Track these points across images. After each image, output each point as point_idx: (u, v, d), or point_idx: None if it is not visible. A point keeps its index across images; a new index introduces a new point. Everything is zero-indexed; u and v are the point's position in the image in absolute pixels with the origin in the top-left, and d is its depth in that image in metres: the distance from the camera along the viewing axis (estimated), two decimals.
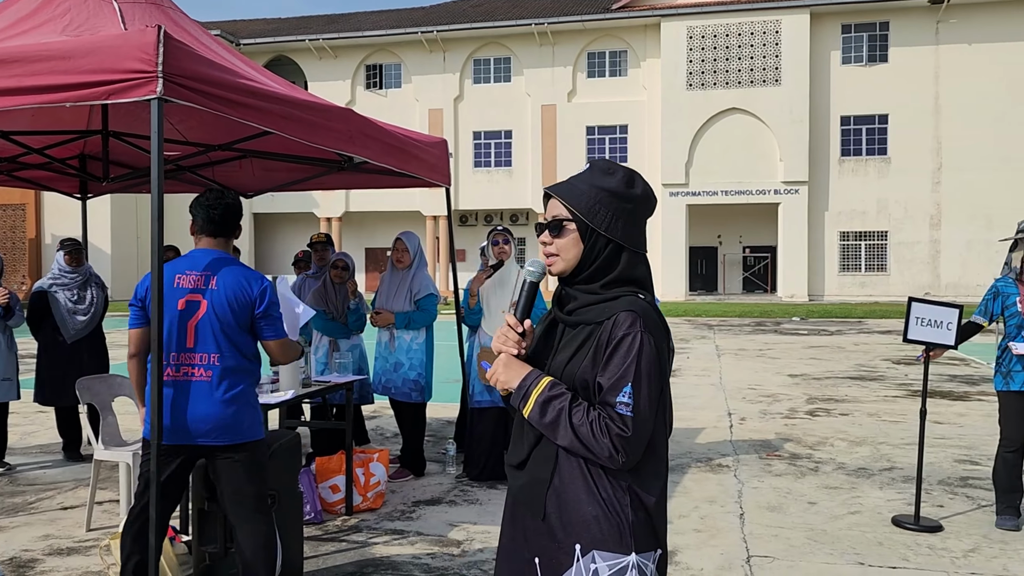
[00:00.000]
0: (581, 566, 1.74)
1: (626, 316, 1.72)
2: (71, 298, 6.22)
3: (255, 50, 34.87)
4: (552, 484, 1.77)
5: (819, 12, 29.93)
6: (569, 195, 1.80)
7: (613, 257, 1.79)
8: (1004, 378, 4.85)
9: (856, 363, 12.60)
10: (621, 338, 1.70)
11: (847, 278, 30.37)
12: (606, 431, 1.68)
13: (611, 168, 1.82)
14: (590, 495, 1.74)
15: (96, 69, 3.32)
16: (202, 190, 7.07)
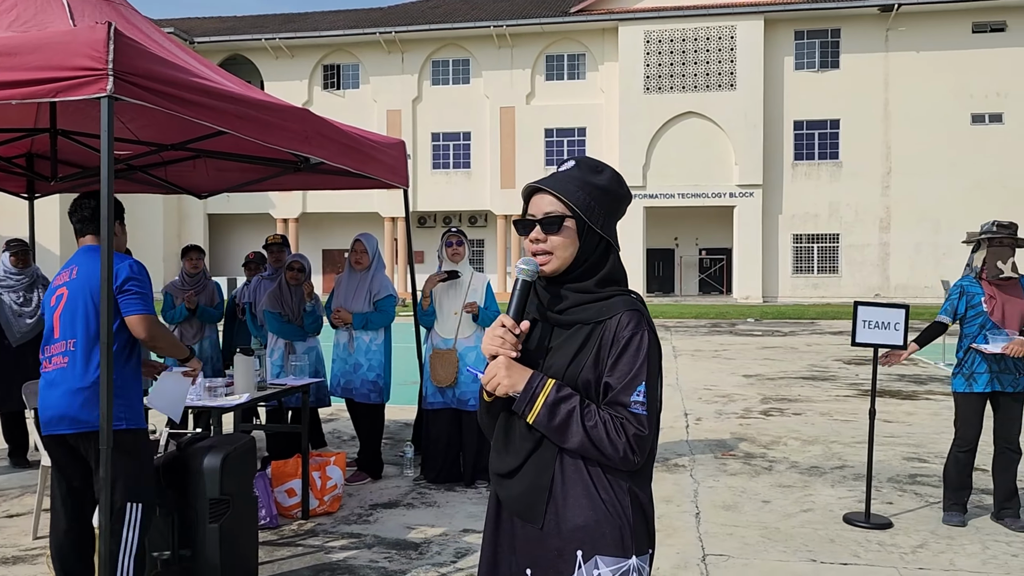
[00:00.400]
0: (583, 573, 1.70)
1: (630, 315, 1.70)
2: (17, 300, 6.07)
3: (210, 48, 34.35)
4: (552, 490, 1.72)
5: (773, 19, 30.45)
6: (566, 191, 1.74)
7: (603, 256, 1.77)
8: (967, 380, 4.88)
9: (809, 363, 12.84)
10: (629, 338, 1.68)
11: (800, 280, 30.93)
12: (622, 431, 1.66)
13: (599, 166, 1.80)
14: (591, 499, 1.70)
15: (44, 66, 3.24)
16: (156, 190, 6.96)
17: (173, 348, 3.51)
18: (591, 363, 1.71)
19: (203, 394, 4.31)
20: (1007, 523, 4.83)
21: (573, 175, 1.77)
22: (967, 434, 4.90)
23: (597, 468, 1.71)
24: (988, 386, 4.82)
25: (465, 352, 5.70)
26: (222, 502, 3.57)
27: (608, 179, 1.78)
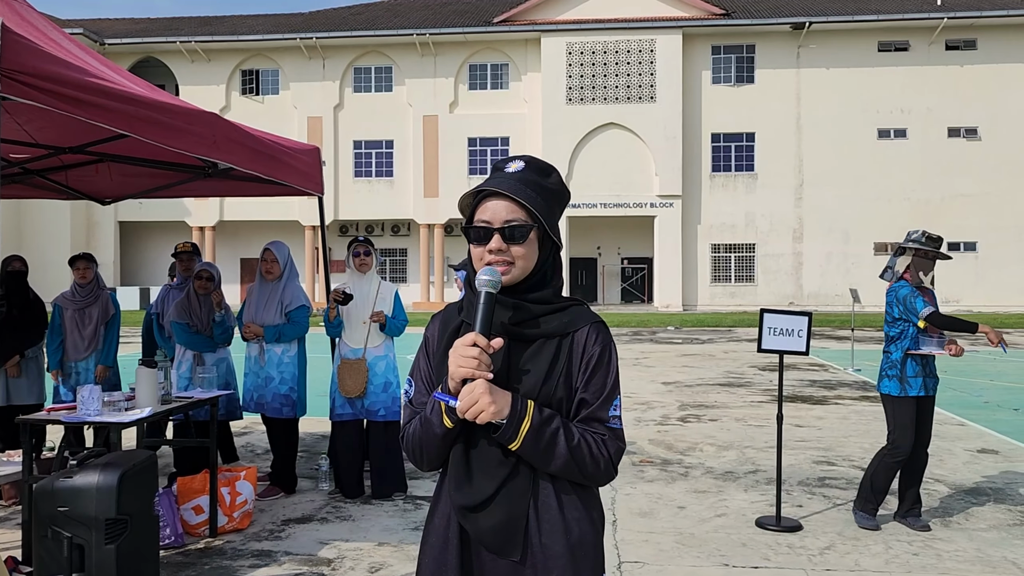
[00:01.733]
0: None
1: (597, 328, 1.66)
2: None
3: (121, 51, 33.26)
4: (531, 518, 1.62)
5: (691, 33, 31.23)
6: (528, 198, 1.62)
7: (556, 261, 1.69)
8: (900, 383, 4.90)
9: (726, 370, 13.13)
10: (600, 353, 1.64)
11: (718, 288, 31.70)
12: (604, 447, 1.60)
13: (547, 168, 1.70)
14: (566, 524, 1.63)
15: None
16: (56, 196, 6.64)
17: None
18: (563, 379, 1.63)
19: (101, 409, 4.10)
20: (910, 522, 4.97)
21: (527, 178, 1.65)
22: (905, 442, 4.90)
23: (569, 490, 1.64)
24: (921, 390, 4.90)
25: (375, 362, 5.60)
26: (119, 522, 3.40)
27: (557, 182, 1.70)
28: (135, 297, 32.17)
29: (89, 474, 3.42)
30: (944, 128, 30.83)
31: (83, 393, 4.11)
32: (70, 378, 5.90)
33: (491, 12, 33.56)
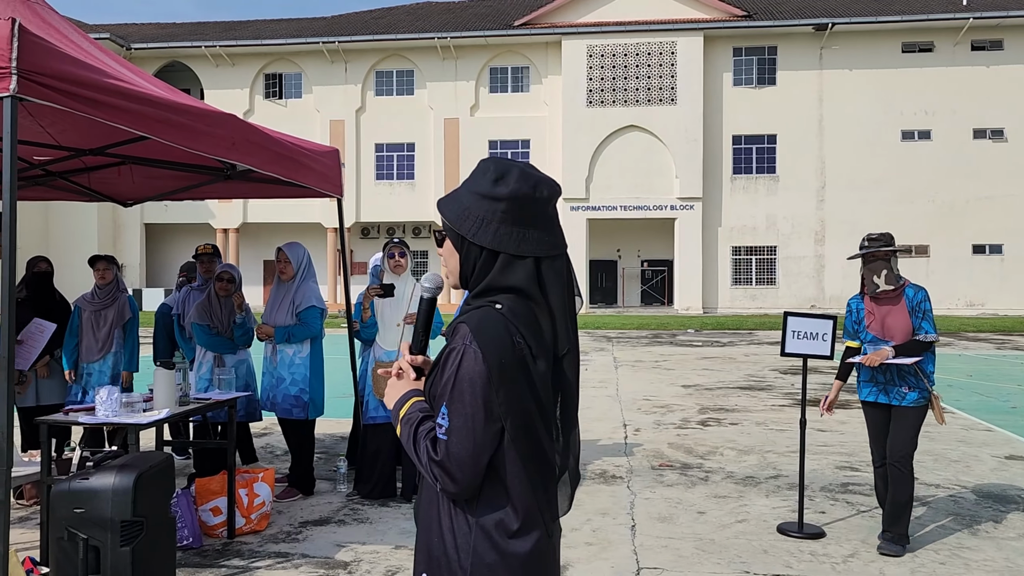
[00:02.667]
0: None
1: (460, 328, 1.60)
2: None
3: (147, 55, 33.60)
4: (417, 504, 1.72)
5: (712, 35, 31.05)
6: (445, 203, 1.69)
7: (488, 264, 1.64)
8: (860, 386, 4.86)
9: (746, 373, 13.00)
10: (448, 353, 1.58)
11: (739, 291, 31.47)
12: (425, 454, 1.58)
13: (487, 167, 1.68)
14: (438, 526, 1.63)
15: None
16: (78, 198, 6.69)
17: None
18: (437, 379, 1.62)
19: (119, 410, 4.11)
20: (880, 544, 4.62)
21: (464, 183, 1.70)
22: (877, 450, 4.83)
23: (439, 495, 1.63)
24: (872, 396, 4.74)
25: None
26: (135, 524, 3.40)
27: (487, 181, 1.65)
28: (160, 298, 32.48)
29: (105, 476, 3.43)
30: (969, 129, 30.42)
31: (101, 394, 4.12)
32: (82, 379, 5.92)
33: (512, 15, 33.56)
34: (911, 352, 4.57)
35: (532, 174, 1.67)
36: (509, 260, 1.63)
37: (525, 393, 1.57)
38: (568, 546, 4.68)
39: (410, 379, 1.70)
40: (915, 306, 4.62)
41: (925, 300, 4.64)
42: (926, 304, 4.63)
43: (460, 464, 1.54)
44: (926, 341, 4.58)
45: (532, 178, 1.66)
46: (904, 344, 4.59)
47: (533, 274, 1.63)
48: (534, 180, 1.66)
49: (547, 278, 1.65)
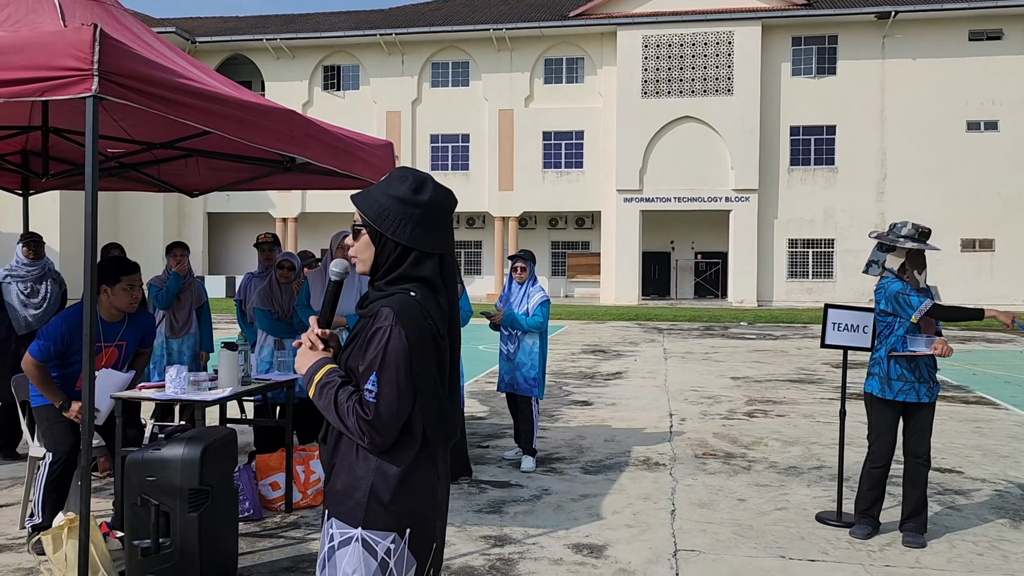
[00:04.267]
0: (324, 528, 2.01)
1: (384, 311, 1.91)
2: (24, 291, 6.16)
3: (211, 48, 34.47)
4: (330, 454, 2.02)
5: (770, 25, 30.58)
6: (363, 203, 1.99)
7: (401, 258, 1.97)
8: (882, 384, 4.66)
9: (797, 367, 12.93)
10: (375, 331, 1.90)
11: (795, 284, 31.04)
12: (352, 413, 1.89)
13: (404, 176, 1.99)
14: (346, 471, 1.96)
15: (30, 66, 3.34)
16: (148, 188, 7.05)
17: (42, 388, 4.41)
18: (358, 352, 1.94)
19: (187, 388, 4.40)
20: (906, 537, 4.62)
21: (380, 186, 2.00)
22: (882, 450, 4.70)
23: (355, 445, 1.96)
24: (902, 395, 4.60)
25: None
26: (201, 492, 3.66)
27: (407, 188, 1.97)
28: (222, 285, 33.44)
29: (175, 447, 3.70)
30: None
31: (171, 372, 4.41)
32: (163, 359, 6.33)
33: (567, 6, 33.53)
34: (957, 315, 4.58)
35: (442, 186, 2.02)
36: (420, 256, 1.98)
37: (432, 366, 1.94)
38: (608, 527, 4.84)
39: (319, 350, 2.02)
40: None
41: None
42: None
43: (387, 423, 1.88)
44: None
45: (443, 189, 2.02)
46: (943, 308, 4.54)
47: (438, 268, 2.01)
48: (445, 191, 2.03)
49: (447, 272, 2.03)
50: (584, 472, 6.16)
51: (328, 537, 1.97)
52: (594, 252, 34.21)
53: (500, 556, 4.35)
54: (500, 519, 4.99)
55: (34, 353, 4.32)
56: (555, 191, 32.68)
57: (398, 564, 1.94)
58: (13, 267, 6.23)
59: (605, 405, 9.15)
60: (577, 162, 32.56)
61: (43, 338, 4.33)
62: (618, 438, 7.38)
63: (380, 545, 1.93)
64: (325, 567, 1.97)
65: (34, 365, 4.33)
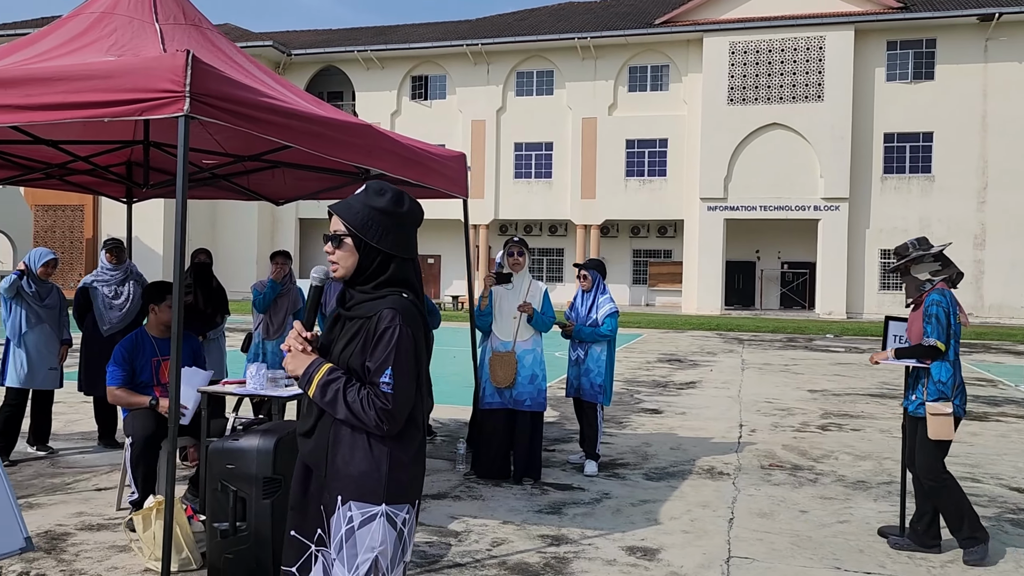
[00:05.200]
0: (340, 513, 2.21)
1: (388, 312, 2.15)
2: (109, 294, 6.68)
3: (305, 61, 35.75)
4: (329, 448, 2.22)
5: (864, 29, 29.75)
6: (347, 214, 2.19)
7: (384, 264, 2.20)
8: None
9: (881, 380, 12.61)
10: (383, 330, 2.15)
11: (887, 296, 30.02)
12: (372, 405, 2.13)
13: (383, 189, 2.22)
14: (355, 457, 2.19)
15: (131, 88, 3.70)
16: (239, 197, 7.50)
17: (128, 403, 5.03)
18: (359, 351, 2.18)
19: (265, 384, 4.72)
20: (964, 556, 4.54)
21: (359, 198, 2.22)
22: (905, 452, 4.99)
23: (363, 433, 2.20)
24: (905, 403, 4.86)
25: (523, 355, 5.98)
26: (274, 481, 3.94)
27: (387, 201, 2.21)
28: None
29: (251, 438, 4.00)
30: None
31: (251, 370, 4.74)
32: (259, 356, 6.80)
33: (653, 14, 33.42)
34: (910, 355, 4.61)
35: (415, 199, 2.29)
36: (401, 261, 2.22)
37: (422, 359, 2.23)
38: (664, 532, 4.93)
39: (308, 351, 2.22)
40: (925, 311, 4.61)
41: (933, 304, 4.57)
42: (933, 308, 4.56)
43: (403, 411, 2.16)
44: (925, 345, 4.54)
45: (416, 201, 2.28)
46: (906, 347, 4.66)
47: (414, 271, 2.27)
48: (417, 203, 2.29)
49: (419, 275, 2.30)
50: (646, 478, 6.25)
51: (345, 520, 2.19)
52: (676, 261, 33.90)
53: (555, 555, 4.50)
54: (559, 520, 5.14)
55: (110, 382, 5.04)
56: (637, 199, 32.56)
57: (410, 531, 2.24)
58: (98, 273, 6.76)
59: (675, 414, 9.18)
60: (660, 170, 32.36)
61: (112, 366, 5.02)
62: (684, 446, 7.42)
63: (399, 517, 2.21)
64: (343, 548, 2.20)
65: (113, 392, 5.03)
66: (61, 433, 7.42)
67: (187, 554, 4.16)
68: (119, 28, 4.88)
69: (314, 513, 2.29)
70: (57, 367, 6.55)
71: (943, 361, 4.59)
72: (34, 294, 6.38)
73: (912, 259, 4.70)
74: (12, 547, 2.92)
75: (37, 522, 4.86)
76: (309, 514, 2.30)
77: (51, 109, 3.76)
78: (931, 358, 4.57)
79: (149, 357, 5.16)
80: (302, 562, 2.31)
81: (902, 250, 4.78)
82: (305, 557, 2.31)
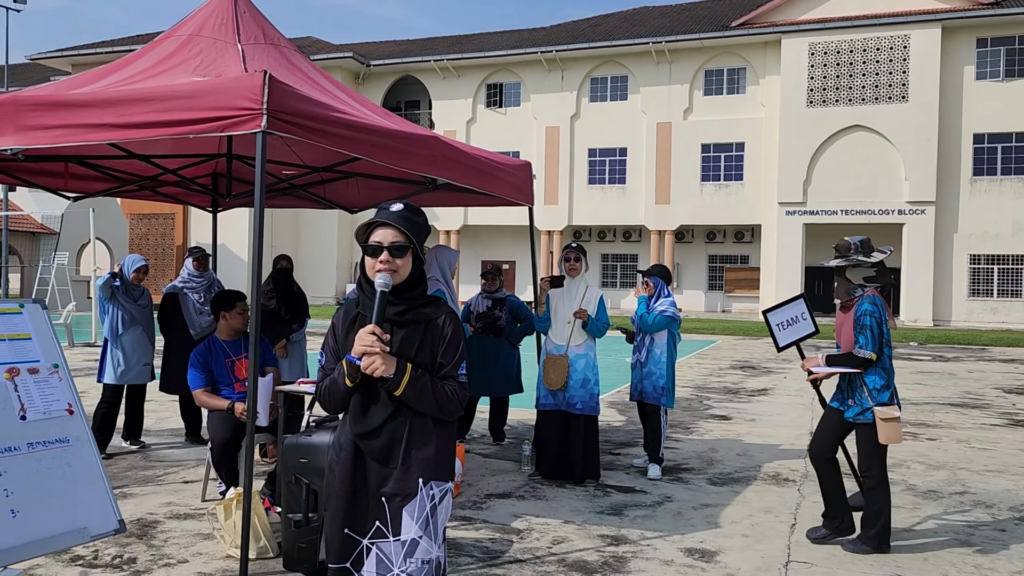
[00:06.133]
0: (423, 494, 2.47)
1: (451, 316, 2.51)
2: (199, 300, 7.08)
3: (383, 71, 36.58)
4: (403, 440, 2.47)
5: (952, 26, 28.74)
6: (407, 226, 2.45)
7: (421, 272, 2.52)
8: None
9: (963, 390, 12.21)
10: (453, 333, 2.51)
11: (977, 303, 28.87)
12: (456, 395, 2.48)
13: (417, 210, 2.53)
14: (428, 445, 2.48)
15: (214, 107, 3.99)
16: (316, 206, 7.84)
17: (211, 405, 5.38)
18: (428, 351, 2.48)
19: None
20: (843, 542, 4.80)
21: (406, 215, 2.49)
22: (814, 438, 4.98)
23: (431, 422, 2.49)
24: (836, 403, 4.85)
25: (575, 359, 6.10)
26: None
27: (424, 220, 2.55)
28: None
29: (323, 434, 4.24)
30: None
31: None
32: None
33: (729, 16, 33.02)
34: (841, 364, 4.64)
35: None
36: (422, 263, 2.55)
37: None
38: (723, 535, 4.98)
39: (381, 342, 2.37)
40: (856, 319, 4.60)
41: (866, 315, 4.56)
42: (865, 319, 4.55)
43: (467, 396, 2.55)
44: (857, 356, 4.57)
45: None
46: (838, 355, 4.68)
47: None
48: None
49: None
50: (710, 483, 6.28)
51: (428, 499, 2.47)
52: (753, 266, 33.34)
53: (614, 554, 4.61)
54: (619, 521, 5.24)
55: (193, 386, 5.43)
56: (713, 204, 32.18)
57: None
58: (187, 279, 7.15)
59: (744, 420, 9.13)
60: (737, 174, 31.90)
61: (191, 371, 5.42)
62: (751, 452, 7.40)
63: (451, 489, 2.56)
64: (428, 524, 2.47)
65: (198, 395, 5.43)
66: (152, 429, 7.88)
67: (264, 542, 4.43)
68: (204, 49, 5.22)
69: (373, 507, 2.47)
70: (150, 363, 6.99)
71: (876, 368, 4.62)
72: (127, 295, 6.83)
73: (852, 264, 4.70)
74: (107, 528, 3.21)
75: (130, 510, 5.22)
76: (367, 509, 2.48)
77: (143, 127, 4.08)
78: (863, 368, 4.60)
79: (222, 359, 5.50)
80: (355, 557, 2.49)
81: (843, 250, 4.75)
82: (358, 552, 2.48)
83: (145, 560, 4.37)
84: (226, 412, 5.24)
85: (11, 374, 3.24)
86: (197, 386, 5.42)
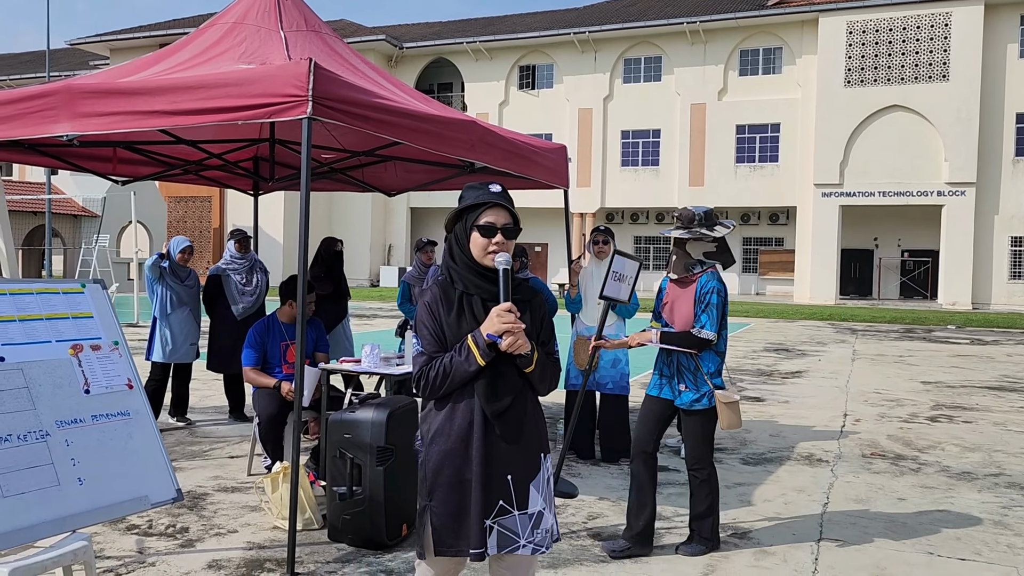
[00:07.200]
0: (544, 467, 2.58)
1: (544, 296, 2.54)
2: (241, 281, 7.27)
3: (416, 53, 36.67)
4: (527, 417, 2.54)
5: (994, 3, 28.11)
6: (512, 208, 2.53)
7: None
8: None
9: (1001, 373, 12.10)
10: (547, 312, 2.63)
11: (1018, 286, 28.39)
12: (558, 370, 2.62)
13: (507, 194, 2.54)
14: (538, 421, 2.60)
15: (262, 94, 4.12)
16: (354, 189, 7.99)
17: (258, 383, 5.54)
18: (533, 327, 2.55)
19: (379, 363, 5.12)
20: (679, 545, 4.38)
21: (508, 198, 2.55)
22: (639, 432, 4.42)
23: (536, 397, 2.60)
24: (656, 390, 4.38)
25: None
26: (387, 450, 4.32)
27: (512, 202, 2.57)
28: None
29: (366, 410, 4.38)
30: None
31: (366, 350, 5.15)
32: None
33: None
34: (677, 343, 4.17)
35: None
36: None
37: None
38: (756, 513, 5.06)
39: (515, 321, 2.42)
40: (700, 296, 4.19)
41: (712, 292, 4.16)
42: (713, 297, 4.15)
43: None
44: (698, 336, 4.14)
45: None
46: (674, 333, 4.21)
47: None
48: None
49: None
50: (743, 463, 6.35)
51: (546, 471, 2.58)
52: (788, 249, 33.05)
53: None
54: None
55: (245, 363, 5.59)
56: (748, 185, 31.91)
57: None
58: (229, 261, 7.33)
59: (777, 402, 9.16)
60: (772, 156, 31.59)
61: (246, 348, 5.58)
62: (784, 434, 7.45)
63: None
64: (550, 495, 2.60)
65: (247, 372, 5.61)
66: (197, 407, 8.12)
67: (310, 515, 4.60)
68: (248, 37, 5.36)
69: (498, 487, 2.46)
70: (196, 343, 7.21)
71: (710, 352, 4.25)
72: (174, 276, 7.05)
73: (695, 238, 4.25)
74: (166, 496, 3.39)
75: (181, 483, 5.42)
76: (493, 490, 2.46)
77: (193, 114, 4.22)
78: (699, 349, 4.19)
79: (278, 340, 5.66)
80: (479, 539, 2.46)
81: (686, 220, 4.28)
82: (481, 533, 2.46)
83: (197, 530, 4.57)
84: (272, 390, 5.42)
85: (75, 350, 3.42)
86: (248, 363, 5.59)
